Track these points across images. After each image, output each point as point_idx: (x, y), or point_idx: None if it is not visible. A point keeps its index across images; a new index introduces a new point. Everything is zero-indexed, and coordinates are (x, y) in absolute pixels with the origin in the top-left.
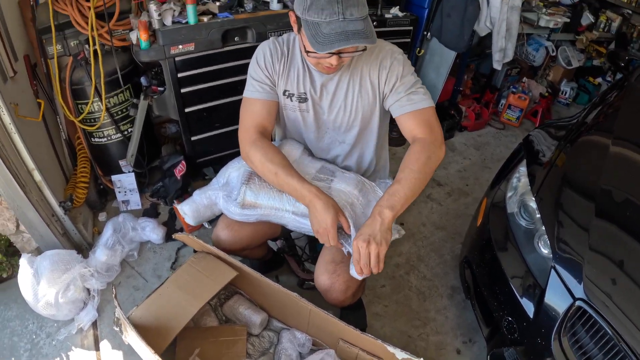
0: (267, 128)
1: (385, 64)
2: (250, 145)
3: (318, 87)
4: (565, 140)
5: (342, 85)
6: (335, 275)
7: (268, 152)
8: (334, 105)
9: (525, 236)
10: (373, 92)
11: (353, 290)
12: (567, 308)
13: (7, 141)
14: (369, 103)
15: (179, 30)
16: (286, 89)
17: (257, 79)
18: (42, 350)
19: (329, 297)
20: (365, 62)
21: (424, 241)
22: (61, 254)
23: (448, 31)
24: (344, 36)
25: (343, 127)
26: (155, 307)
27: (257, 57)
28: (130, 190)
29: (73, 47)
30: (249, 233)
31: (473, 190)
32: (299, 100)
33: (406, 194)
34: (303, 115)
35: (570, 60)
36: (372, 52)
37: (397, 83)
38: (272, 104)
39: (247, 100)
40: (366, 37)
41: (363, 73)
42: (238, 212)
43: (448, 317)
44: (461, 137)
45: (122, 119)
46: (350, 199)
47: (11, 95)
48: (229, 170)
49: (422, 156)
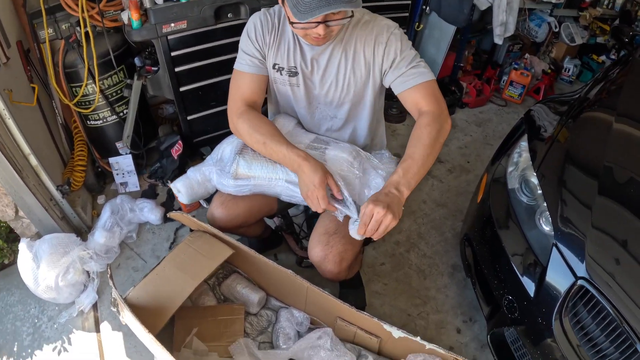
0: (256, 101)
1: (381, 40)
2: (237, 116)
3: (309, 61)
4: (567, 115)
5: (333, 60)
6: (329, 247)
7: (255, 122)
8: (325, 79)
9: (527, 212)
10: (367, 68)
11: (348, 262)
12: (568, 287)
13: (2, 127)
14: (362, 79)
15: (170, 8)
16: (276, 62)
17: (247, 52)
18: (44, 333)
19: (323, 269)
20: (359, 36)
21: (425, 218)
22: (60, 237)
23: (447, 5)
24: (325, 2)
25: (335, 103)
26: (152, 287)
27: (248, 29)
28: (128, 172)
29: (65, 30)
30: (244, 209)
31: (474, 167)
32: (289, 74)
33: (419, 170)
34: (293, 89)
35: (573, 37)
36: (367, 26)
37: (397, 59)
38: (261, 78)
39: (237, 72)
40: (349, 1)
41: (357, 48)
42: (232, 184)
43: (448, 296)
44: (462, 113)
45: (117, 100)
46: (345, 166)
47: (5, 81)
48: (222, 146)
49: (433, 130)
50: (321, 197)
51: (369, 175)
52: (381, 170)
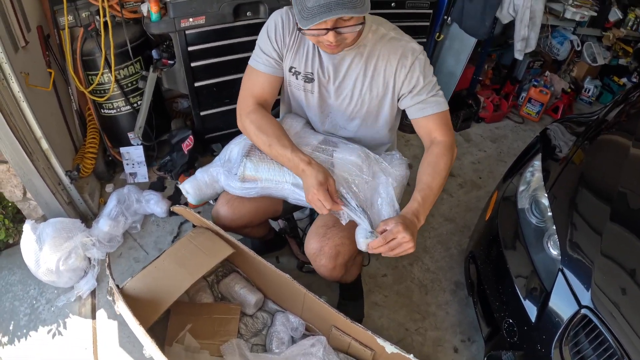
0: (267, 100)
1: (405, 63)
2: (246, 115)
3: (326, 69)
4: (584, 137)
5: (352, 72)
6: (325, 239)
7: (263, 122)
8: (340, 90)
9: (535, 234)
10: (384, 87)
11: (344, 258)
12: (571, 315)
13: (16, 109)
14: (377, 97)
15: (189, 3)
16: (293, 65)
17: (264, 51)
18: (41, 315)
19: (318, 263)
20: (383, 53)
21: (431, 232)
22: (64, 222)
23: (469, 16)
24: (326, 7)
25: (346, 115)
26: (149, 280)
27: (268, 26)
28: (138, 163)
29: (84, 18)
30: (249, 210)
31: (486, 183)
32: (304, 80)
33: (434, 200)
34: (307, 95)
35: (595, 57)
36: (392, 44)
37: (418, 85)
38: (275, 79)
39: (251, 69)
40: (353, 6)
41: (378, 65)
42: (239, 186)
43: (449, 313)
44: (478, 128)
45: (132, 91)
46: (354, 170)
47: (22, 64)
48: (230, 147)
49: (448, 160)
50: (323, 198)
51: (378, 179)
52: (390, 175)
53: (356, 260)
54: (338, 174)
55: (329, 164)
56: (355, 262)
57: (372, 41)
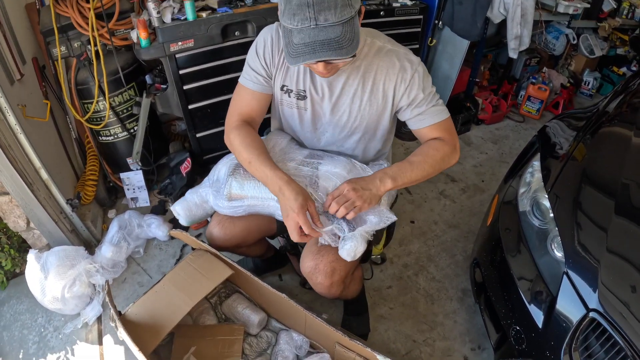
0: (254, 118)
1: (405, 77)
2: (231, 130)
3: (320, 87)
4: (584, 131)
5: (348, 88)
6: (319, 256)
7: (246, 139)
8: (337, 107)
9: (538, 237)
10: (384, 100)
11: (340, 274)
12: (579, 319)
13: (14, 141)
14: (377, 111)
15: (177, 27)
16: (284, 83)
17: (253, 68)
18: (49, 343)
19: (314, 281)
20: (381, 67)
21: (435, 240)
22: (67, 250)
23: (460, 19)
24: (311, 48)
25: (344, 132)
26: (150, 305)
27: (257, 44)
28: (139, 188)
29: (76, 48)
30: (241, 229)
31: (489, 186)
32: (297, 97)
33: (411, 178)
34: (300, 112)
35: (592, 49)
36: (390, 57)
37: (418, 98)
38: (263, 96)
39: (240, 86)
40: (339, 47)
41: (376, 79)
42: (226, 205)
43: (457, 322)
44: (478, 130)
45: (127, 117)
46: (339, 182)
47: (18, 96)
48: (218, 167)
49: (440, 153)
50: (303, 222)
51: None
52: None
53: (355, 276)
54: (322, 187)
55: (314, 176)
56: (354, 278)
57: (368, 55)
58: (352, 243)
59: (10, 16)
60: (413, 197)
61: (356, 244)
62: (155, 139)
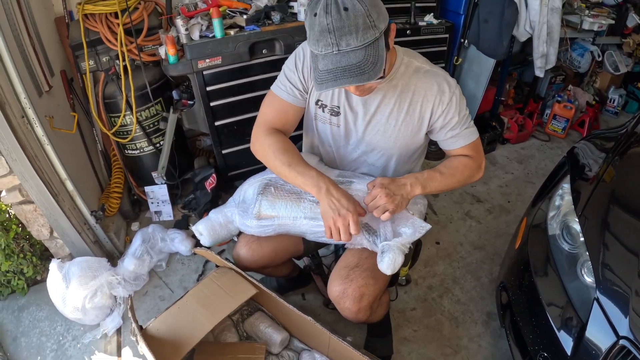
0: (287, 128)
1: (443, 100)
2: (263, 136)
3: (355, 104)
4: (613, 152)
5: (384, 108)
6: (348, 281)
7: (283, 143)
8: (371, 126)
9: (568, 262)
10: (420, 122)
11: (369, 299)
12: (609, 346)
13: (40, 152)
14: (412, 132)
15: (205, 45)
16: (319, 98)
17: (290, 79)
18: (67, 352)
19: (342, 306)
20: (419, 88)
21: (461, 262)
22: (90, 261)
23: (486, 38)
24: (333, 75)
25: (376, 152)
26: (172, 320)
27: (297, 56)
28: (163, 202)
29: (105, 63)
30: (269, 250)
31: (515, 207)
32: (330, 113)
33: (438, 188)
34: (333, 129)
35: (617, 66)
36: (428, 78)
37: (452, 121)
38: (297, 109)
39: (273, 95)
40: (360, 73)
41: (414, 99)
42: (255, 224)
43: (481, 346)
44: (503, 150)
45: (154, 131)
46: None
47: (46, 108)
48: (244, 188)
49: (467, 170)
50: (355, 220)
51: None
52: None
53: (382, 300)
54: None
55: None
56: (382, 302)
57: (405, 75)
58: (391, 255)
59: (40, 29)
60: (439, 217)
61: (394, 256)
62: (181, 154)
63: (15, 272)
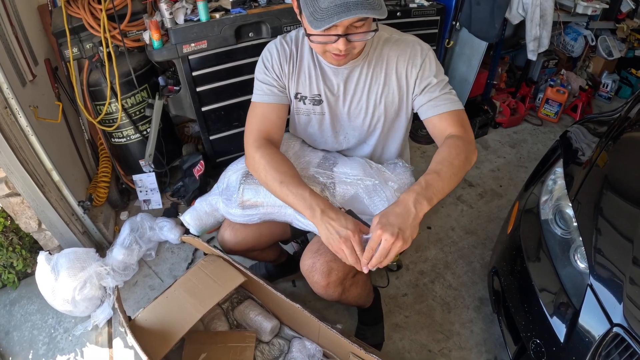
0: (274, 135)
1: (416, 62)
2: (254, 150)
3: (334, 87)
4: (606, 137)
5: (362, 83)
6: (318, 254)
7: (274, 158)
8: (354, 105)
9: (560, 247)
10: (399, 89)
11: (337, 275)
12: (602, 334)
13: (25, 143)
14: (394, 101)
15: (190, 28)
16: (298, 91)
17: (264, 82)
18: (59, 344)
19: (312, 281)
20: (391, 55)
21: (452, 247)
22: (78, 252)
23: (478, 20)
24: (344, 7)
25: (365, 130)
26: (161, 310)
27: (264, 57)
28: (151, 190)
29: (88, 50)
30: (253, 233)
31: (507, 191)
32: (312, 103)
33: (443, 188)
34: (318, 118)
35: (611, 51)
36: (398, 45)
37: (430, 83)
38: (281, 107)
39: (254, 104)
40: (372, 7)
41: (388, 68)
42: (239, 213)
43: (473, 331)
44: (495, 134)
45: (140, 119)
46: (355, 182)
47: (31, 98)
48: (227, 174)
49: (462, 154)
50: (358, 242)
51: (381, 189)
52: (393, 182)
53: (357, 279)
54: (339, 193)
55: (331, 181)
56: (356, 281)
57: (377, 47)
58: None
59: (23, 18)
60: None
61: None
62: (168, 141)
63: (5, 265)
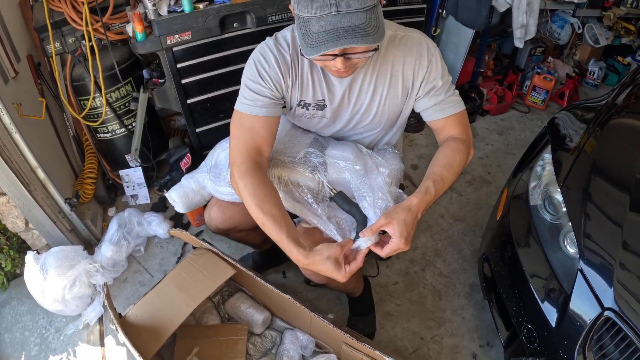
0: (264, 152)
1: (422, 64)
2: (240, 175)
3: (339, 91)
4: (594, 123)
5: (367, 86)
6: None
7: (259, 191)
8: (356, 109)
9: (550, 232)
10: (404, 91)
11: None
12: (594, 318)
13: (9, 141)
14: (397, 103)
15: (174, 20)
16: (301, 99)
17: (257, 92)
18: (51, 344)
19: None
20: (397, 57)
21: (442, 234)
22: (66, 250)
23: (464, 8)
24: (333, 35)
25: (365, 129)
26: (151, 306)
27: (258, 65)
28: (139, 185)
29: (71, 44)
30: (241, 212)
31: (495, 178)
32: (316, 108)
33: (440, 192)
34: (320, 119)
35: (597, 38)
36: (404, 44)
37: (436, 85)
38: (274, 120)
39: (241, 115)
40: (365, 34)
41: (394, 71)
42: (228, 191)
43: (465, 318)
44: (483, 121)
45: (125, 113)
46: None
47: (13, 95)
48: (216, 152)
49: (464, 158)
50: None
51: (372, 174)
52: (384, 167)
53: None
54: (331, 173)
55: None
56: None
57: (382, 47)
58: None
59: (4, 13)
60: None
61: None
62: (154, 135)
63: None
